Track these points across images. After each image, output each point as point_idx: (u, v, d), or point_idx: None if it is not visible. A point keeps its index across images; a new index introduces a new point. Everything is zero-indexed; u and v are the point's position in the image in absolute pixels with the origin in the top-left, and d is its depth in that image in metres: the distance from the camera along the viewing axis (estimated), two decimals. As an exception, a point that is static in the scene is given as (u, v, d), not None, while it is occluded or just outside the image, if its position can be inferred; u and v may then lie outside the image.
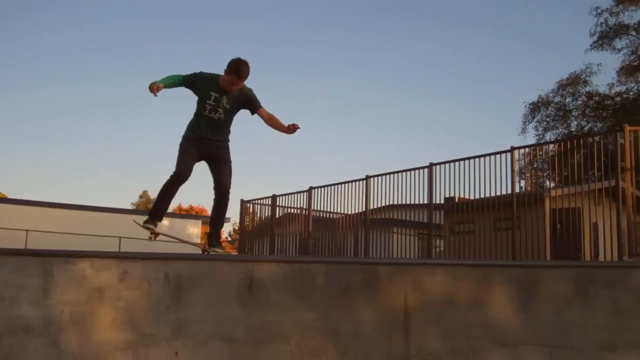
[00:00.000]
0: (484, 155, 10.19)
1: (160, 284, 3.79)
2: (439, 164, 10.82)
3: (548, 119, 21.74)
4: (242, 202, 13.74)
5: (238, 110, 4.89)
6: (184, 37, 71.49)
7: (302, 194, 12.80)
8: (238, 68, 4.62)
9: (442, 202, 11.16)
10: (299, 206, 12.80)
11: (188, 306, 3.79)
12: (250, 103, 4.83)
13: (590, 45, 21.79)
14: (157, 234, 5.06)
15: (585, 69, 21.69)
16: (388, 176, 11.50)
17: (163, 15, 70.41)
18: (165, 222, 21.28)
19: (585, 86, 21.74)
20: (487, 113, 68.01)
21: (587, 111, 20.98)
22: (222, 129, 4.90)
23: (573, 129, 21.00)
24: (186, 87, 4.84)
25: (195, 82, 4.79)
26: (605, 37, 21.48)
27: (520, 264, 4.24)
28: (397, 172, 11.33)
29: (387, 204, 11.78)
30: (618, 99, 20.85)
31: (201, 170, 5.05)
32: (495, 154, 10.09)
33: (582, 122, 21.33)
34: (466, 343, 3.89)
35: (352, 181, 12.00)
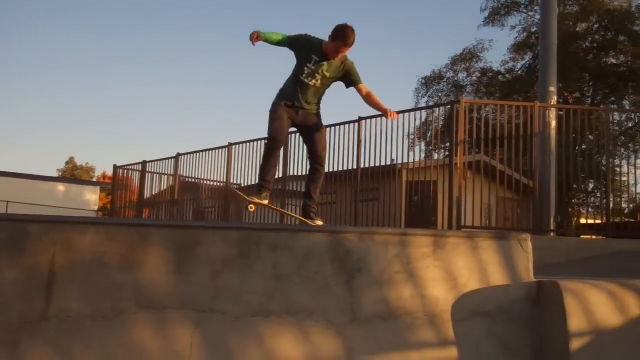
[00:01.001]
0: (334, 125, 10.03)
1: None
2: (294, 132, 10.62)
3: (440, 94, 21.80)
4: (115, 167, 13.33)
5: (335, 81, 4.89)
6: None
7: (169, 160, 12.48)
8: (345, 34, 4.57)
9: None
10: (168, 172, 12.49)
11: None
12: (351, 76, 4.85)
13: (483, 21, 21.87)
14: (262, 205, 5.03)
15: (477, 45, 21.77)
16: (250, 144, 11.26)
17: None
18: (61, 187, 20.67)
19: (478, 62, 21.85)
20: (385, 84, 65.82)
21: (481, 87, 21.06)
22: (315, 96, 4.87)
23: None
24: (289, 47, 4.78)
25: (298, 42, 4.74)
26: (496, 14, 21.48)
27: (181, 225, 4.02)
28: (259, 139, 11.10)
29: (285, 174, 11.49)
30: (508, 75, 20.98)
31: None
32: (343, 124, 9.95)
33: (476, 98, 21.40)
34: (110, 305, 3.68)
35: (215, 148, 11.74)
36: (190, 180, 12.15)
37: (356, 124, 9.69)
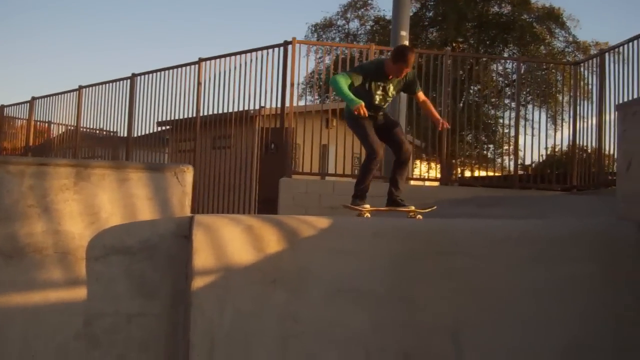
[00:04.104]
0: (173, 67, 9.53)
1: None
2: (142, 74, 10.08)
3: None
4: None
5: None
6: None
7: (25, 104, 11.83)
8: (406, 57, 4.77)
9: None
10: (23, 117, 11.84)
11: None
12: (412, 87, 5.12)
13: (376, -34, 21.30)
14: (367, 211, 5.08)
15: (368, -7, 21.25)
16: (99, 87, 10.68)
17: None
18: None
19: (368, 10, 21.40)
20: (273, 31, 59.09)
21: (375, 36, 20.56)
22: (386, 106, 5.15)
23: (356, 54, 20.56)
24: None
25: (360, 76, 4.84)
26: (388, -41, 20.88)
27: None
28: (104, 82, 10.54)
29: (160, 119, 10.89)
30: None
31: None
32: (182, 65, 9.44)
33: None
34: None
35: (68, 92, 11.13)
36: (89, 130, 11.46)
37: (196, 66, 9.20)
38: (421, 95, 5.21)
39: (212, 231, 3.38)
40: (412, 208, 5.00)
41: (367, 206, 5.06)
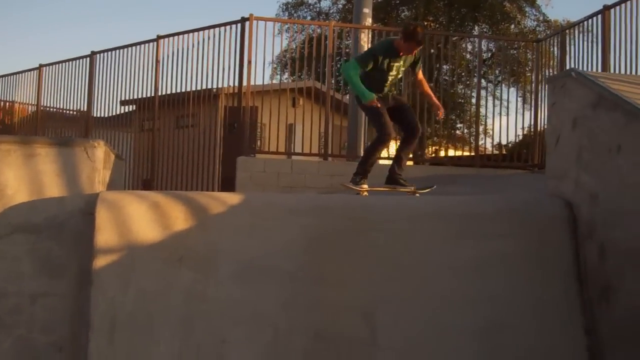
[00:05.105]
0: (132, 45, 9.33)
1: None
2: (101, 52, 9.86)
3: (302, 21, 20.87)
4: None
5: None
6: None
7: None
8: (418, 35, 4.82)
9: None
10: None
11: None
12: (417, 65, 5.18)
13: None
14: (366, 190, 5.06)
15: (336, -29, 20.92)
16: (59, 65, 10.46)
17: None
18: None
19: None
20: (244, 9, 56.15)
21: (347, 15, 20.28)
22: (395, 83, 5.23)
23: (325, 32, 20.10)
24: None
25: (375, 61, 4.86)
26: None
27: None
28: (64, 61, 10.31)
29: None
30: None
31: None
32: (141, 43, 9.24)
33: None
34: None
35: (25, 71, 10.90)
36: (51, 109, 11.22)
37: (154, 44, 9.00)
38: (420, 74, 5.27)
39: (116, 208, 3.26)
40: (412, 188, 4.96)
41: (366, 186, 5.03)
